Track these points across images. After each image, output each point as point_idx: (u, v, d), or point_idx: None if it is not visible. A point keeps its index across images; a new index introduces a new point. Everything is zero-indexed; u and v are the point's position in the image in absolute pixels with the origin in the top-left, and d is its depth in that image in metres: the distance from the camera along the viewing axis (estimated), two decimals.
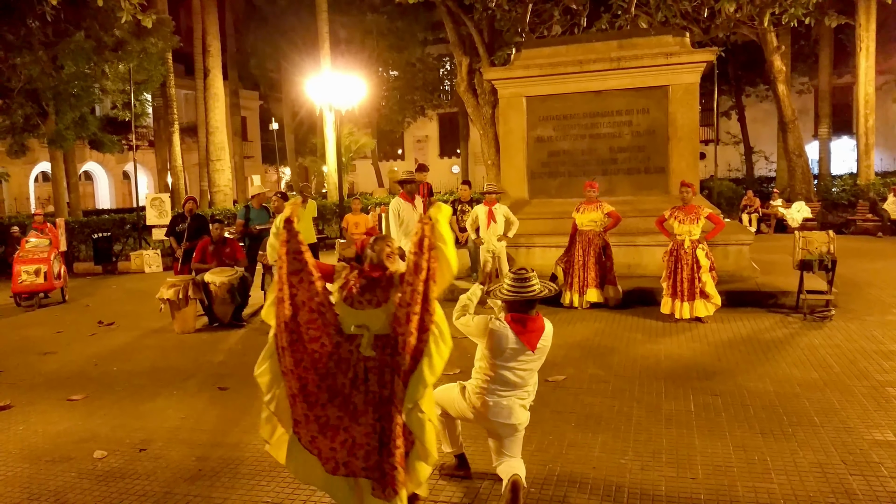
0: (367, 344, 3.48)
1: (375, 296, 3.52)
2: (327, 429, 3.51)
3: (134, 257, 16.48)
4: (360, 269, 3.63)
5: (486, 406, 3.88)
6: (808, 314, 8.28)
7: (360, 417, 3.47)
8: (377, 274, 3.57)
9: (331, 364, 3.51)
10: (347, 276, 3.63)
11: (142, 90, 21.16)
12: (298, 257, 3.58)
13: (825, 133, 25.15)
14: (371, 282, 3.55)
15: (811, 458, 4.34)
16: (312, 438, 3.54)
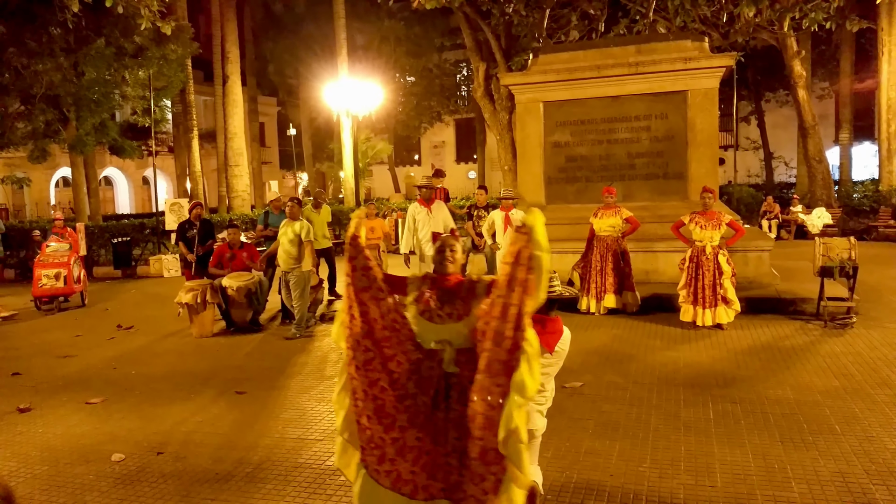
0: (450, 360, 3.24)
1: (455, 308, 3.29)
2: (405, 451, 3.24)
3: (153, 262, 16.60)
4: (434, 279, 3.43)
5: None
6: (829, 321, 8.18)
7: (440, 437, 3.22)
8: (453, 284, 3.37)
9: (409, 383, 3.28)
10: (421, 287, 3.41)
11: (161, 96, 21.34)
12: (367, 273, 3.36)
13: (846, 138, 24.90)
14: (449, 293, 3.34)
15: (832, 467, 4.28)
16: (390, 461, 3.27)
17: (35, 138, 18.78)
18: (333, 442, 4.99)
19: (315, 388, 6.46)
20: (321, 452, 4.87)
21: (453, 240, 3.48)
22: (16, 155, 22.59)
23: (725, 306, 8.08)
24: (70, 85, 17.65)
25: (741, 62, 20.46)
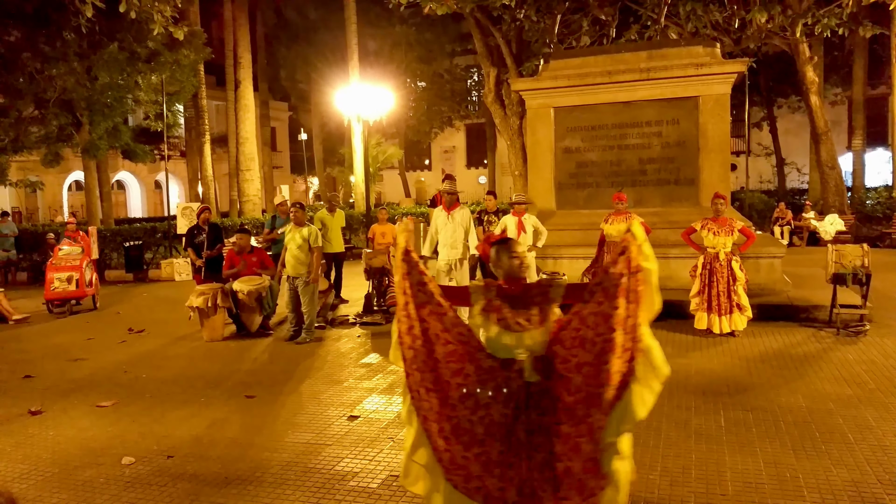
0: (529, 368, 3.11)
1: (532, 314, 3.18)
2: (491, 465, 3.09)
3: (164, 265, 16.68)
4: (500, 287, 3.27)
5: None
6: (842, 329, 8.12)
7: (523, 451, 3.08)
8: (521, 289, 3.24)
9: (483, 395, 3.14)
10: (487, 296, 3.27)
11: (174, 101, 21.47)
12: (423, 289, 3.21)
13: (859, 144, 24.74)
14: (520, 299, 3.22)
15: (845, 477, 4.24)
16: (477, 478, 3.11)
17: (48, 142, 18.93)
18: (343, 447, 5.01)
19: (325, 393, 6.46)
20: (331, 457, 4.87)
21: (515, 244, 3.34)
22: (29, 159, 22.75)
23: (739, 313, 8.03)
24: (83, 89, 17.79)
25: (753, 68, 20.41)
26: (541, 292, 3.21)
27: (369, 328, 9.41)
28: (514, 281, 3.27)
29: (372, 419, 5.66)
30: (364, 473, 4.57)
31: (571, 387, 3.05)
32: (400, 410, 3.29)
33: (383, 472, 4.58)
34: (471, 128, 43.41)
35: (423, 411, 3.19)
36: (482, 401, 3.13)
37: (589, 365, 3.01)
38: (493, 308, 3.22)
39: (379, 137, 32.27)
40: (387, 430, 5.37)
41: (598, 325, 3.01)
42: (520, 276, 3.29)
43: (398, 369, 7.04)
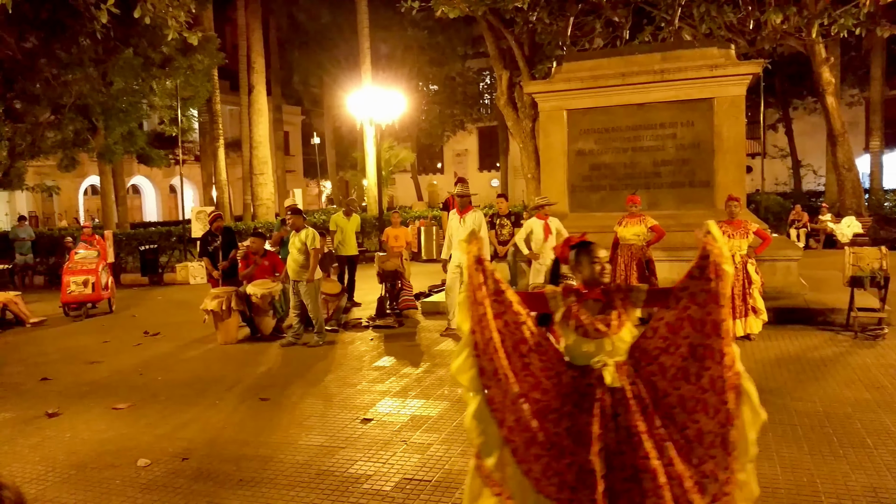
0: (612, 374, 3.02)
1: (611, 319, 3.08)
2: (585, 476, 2.97)
3: (179, 269, 16.77)
4: (579, 292, 3.18)
5: None
6: (860, 332, 8.03)
7: (615, 461, 2.97)
8: (601, 293, 3.16)
9: (565, 406, 3.06)
10: (566, 301, 3.16)
11: (188, 106, 21.63)
12: (500, 298, 3.10)
13: (877, 146, 24.53)
14: (600, 303, 3.15)
15: (864, 482, 4.19)
16: (570, 489, 2.99)
17: (64, 147, 19.10)
18: (357, 450, 5.01)
19: (338, 396, 6.46)
20: (344, 459, 4.86)
21: (598, 248, 3.24)
22: (45, 163, 22.98)
23: (754, 316, 7.96)
24: (99, 95, 17.95)
25: (768, 69, 20.24)
26: (622, 297, 3.14)
27: (382, 331, 9.41)
28: (593, 286, 3.18)
29: (385, 422, 5.65)
30: (377, 476, 4.56)
31: (659, 392, 3.01)
32: (466, 424, 3.12)
33: (396, 474, 4.58)
34: (483, 131, 43.39)
35: (507, 424, 3.06)
36: (566, 412, 3.06)
37: (678, 369, 2.96)
38: (571, 315, 3.12)
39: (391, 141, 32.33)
40: (400, 433, 5.36)
41: (685, 329, 2.96)
42: (600, 282, 3.18)
43: (411, 372, 7.04)
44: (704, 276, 2.95)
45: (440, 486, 4.36)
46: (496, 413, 3.08)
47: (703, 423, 2.92)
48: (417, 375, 7.06)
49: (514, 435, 3.05)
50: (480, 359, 3.07)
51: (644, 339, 3.10)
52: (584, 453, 2.97)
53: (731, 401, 2.88)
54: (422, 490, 4.33)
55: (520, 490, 3.07)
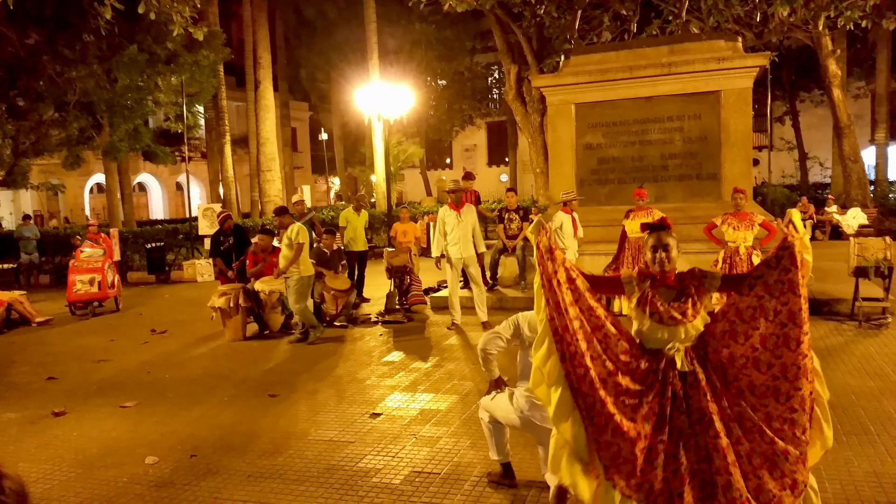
0: (682, 358, 3.05)
1: (686, 306, 3.10)
2: (654, 457, 2.99)
3: (186, 266, 16.79)
4: (654, 277, 3.20)
5: (533, 410, 3.80)
6: (864, 322, 8.04)
7: (688, 443, 2.98)
8: (675, 280, 3.18)
9: (640, 389, 3.07)
10: (641, 286, 3.21)
11: (194, 102, 21.60)
12: (572, 285, 3.15)
13: (882, 138, 24.41)
14: (674, 290, 3.17)
15: (866, 468, 4.21)
16: (641, 472, 2.99)
17: (69, 145, 19.09)
18: (366, 444, 4.99)
19: (347, 391, 6.45)
20: (354, 454, 4.85)
21: (668, 236, 3.23)
22: (50, 162, 23.02)
23: None
24: (103, 91, 17.94)
25: (775, 62, 20.14)
26: (696, 284, 3.14)
27: (391, 326, 9.39)
28: (667, 274, 3.18)
29: (394, 416, 5.64)
30: (387, 470, 4.55)
31: (729, 377, 3.03)
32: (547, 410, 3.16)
33: (406, 468, 4.56)
34: (492, 126, 43.32)
35: (584, 408, 3.08)
36: (641, 396, 3.06)
37: (748, 358, 2.98)
38: (647, 301, 3.15)
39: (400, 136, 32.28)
40: (409, 427, 5.35)
41: (758, 319, 2.98)
42: (670, 267, 3.18)
43: (420, 366, 7.03)
44: (782, 266, 2.96)
45: (449, 479, 4.35)
46: (578, 397, 3.09)
47: (772, 408, 2.95)
48: (426, 370, 7.04)
49: (592, 420, 3.06)
50: (563, 343, 3.10)
51: (713, 325, 3.10)
52: (659, 436, 2.99)
53: (804, 387, 2.91)
54: (431, 482, 4.32)
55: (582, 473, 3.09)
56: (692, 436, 2.99)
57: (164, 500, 4.29)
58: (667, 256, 3.18)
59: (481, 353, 3.93)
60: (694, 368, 3.04)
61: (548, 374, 3.12)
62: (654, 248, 3.20)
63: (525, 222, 10.61)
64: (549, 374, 3.12)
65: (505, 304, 10.08)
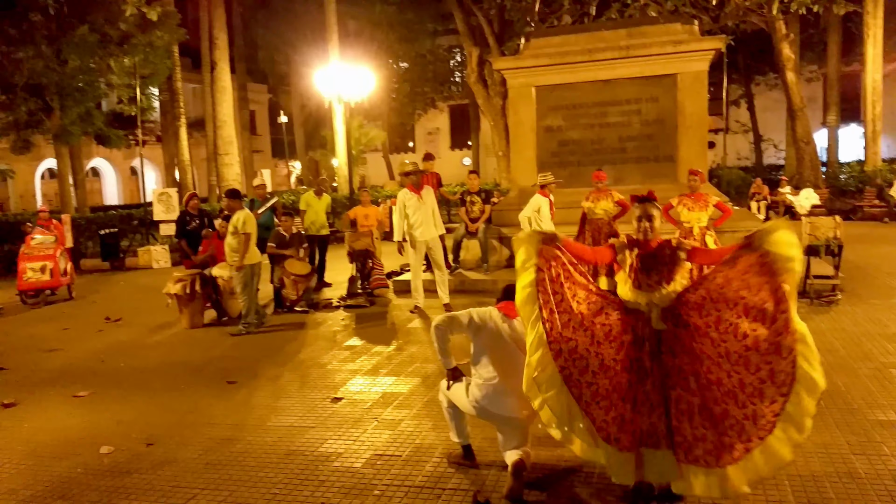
0: (657, 318, 3.42)
1: (661, 275, 3.47)
2: (640, 405, 3.39)
3: (141, 253, 16.46)
4: (638, 243, 3.58)
5: (487, 399, 3.87)
6: (815, 299, 8.25)
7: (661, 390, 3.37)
8: (655, 248, 3.54)
9: (626, 347, 3.43)
10: (631, 256, 3.56)
11: (148, 84, 21.10)
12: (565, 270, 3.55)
13: (834, 120, 25.01)
14: (652, 258, 3.52)
15: (816, 440, 4.30)
16: (630, 421, 3.38)
17: (17, 129, 18.46)
18: (327, 429, 4.97)
19: (308, 376, 6.40)
20: (314, 439, 4.82)
21: (654, 207, 3.60)
22: None
23: None
24: (53, 73, 17.36)
25: (731, 46, 20.44)
26: (671, 254, 3.50)
27: (353, 311, 9.34)
28: (648, 239, 3.57)
29: (356, 400, 5.62)
30: (348, 454, 4.53)
31: (697, 336, 3.32)
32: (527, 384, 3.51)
33: (367, 451, 4.55)
34: (454, 109, 43.16)
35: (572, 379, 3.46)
36: (627, 353, 3.43)
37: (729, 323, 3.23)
38: (631, 268, 3.54)
39: (361, 119, 31.97)
40: (371, 411, 5.33)
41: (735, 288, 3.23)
42: (653, 235, 3.56)
43: (382, 350, 7.00)
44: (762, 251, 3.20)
45: (411, 461, 4.36)
46: (565, 370, 3.47)
47: (743, 376, 3.21)
48: (388, 353, 7.02)
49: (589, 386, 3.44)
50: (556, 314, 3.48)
51: (686, 293, 3.41)
52: (642, 387, 3.38)
53: (777, 362, 3.15)
54: (392, 465, 4.32)
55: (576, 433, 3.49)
56: (664, 386, 3.36)
57: (120, 491, 4.21)
58: (650, 226, 3.55)
59: (435, 332, 3.95)
60: (668, 328, 3.39)
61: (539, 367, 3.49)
62: (640, 217, 3.58)
63: (487, 205, 10.62)
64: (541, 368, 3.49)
65: (467, 286, 10.09)
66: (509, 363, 3.82)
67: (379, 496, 3.93)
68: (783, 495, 3.68)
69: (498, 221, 10.97)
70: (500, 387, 3.82)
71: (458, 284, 10.07)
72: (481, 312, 3.92)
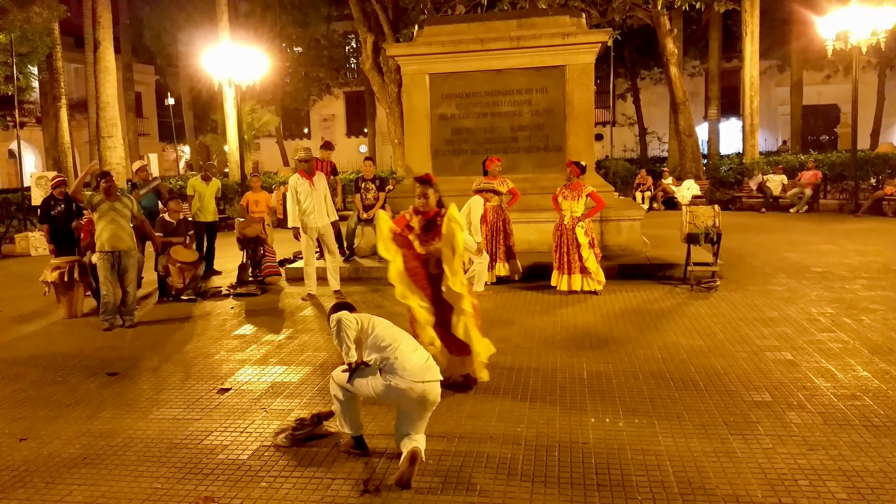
0: (433, 264, 5.25)
1: (435, 234, 5.22)
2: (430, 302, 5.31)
3: (19, 239, 15.56)
4: (419, 212, 5.33)
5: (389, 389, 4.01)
6: (695, 285, 8.69)
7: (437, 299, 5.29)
8: (431, 216, 5.30)
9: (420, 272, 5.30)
10: (416, 221, 5.33)
11: (26, 63, 19.81)
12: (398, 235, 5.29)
13: (714, 114, 26.37)
14: (430, 223, 5.29)
15: (696, 421, 4.57)
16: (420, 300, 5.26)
17: None
18: (213, 420, 4.90)
19: (194, 367, 6.26)
20: (199, 431, 4.74)
21: (429, 187, 5.34)
22: None
23: (585, 275, 8.46)
24: None
25: (618, 41, 21.18)
26: (438, 222, 5.23)
27: (243, 299, 9.17)
28: (425, 210, 5.32)
29: (244, 391, 5.56)
30: (234, 446, 4.49)
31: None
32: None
33: (255, 443, 4.52)
34: (350, 96, 42.70)
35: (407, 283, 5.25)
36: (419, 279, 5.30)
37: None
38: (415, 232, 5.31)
39: (253, 104, 31.10)
40: (259, 401, 5.29)
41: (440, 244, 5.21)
42: (428, 207, 5.32)
43: (273, 339, 6.94)
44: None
45: (300, 451, 4.35)
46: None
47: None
48: (279, 342, 6.97)
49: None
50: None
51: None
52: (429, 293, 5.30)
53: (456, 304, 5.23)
54: (280, 455, 4.31)
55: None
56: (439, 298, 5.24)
57: None
58: (426, 201, 5.30)
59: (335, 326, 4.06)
60: (437, 272, 5.21)
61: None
62: (419, 195, 5.33)
63: (381, 192, 10.64)
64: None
65: (361, 273, 10.10)
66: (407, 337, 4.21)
67: (266, 488, 3.91)
68: (664, 475, 3.85)
69: (393, 209, 11.00)
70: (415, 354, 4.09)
71: (353, 272, 10.07)
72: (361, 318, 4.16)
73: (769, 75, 32.93)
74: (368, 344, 4.10)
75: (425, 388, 3.95)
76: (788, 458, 4.01)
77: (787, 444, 4.19)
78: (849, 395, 4.93)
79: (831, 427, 4.41)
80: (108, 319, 7.83)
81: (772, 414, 4.65)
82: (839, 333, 6.52)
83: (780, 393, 5.03)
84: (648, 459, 4.04)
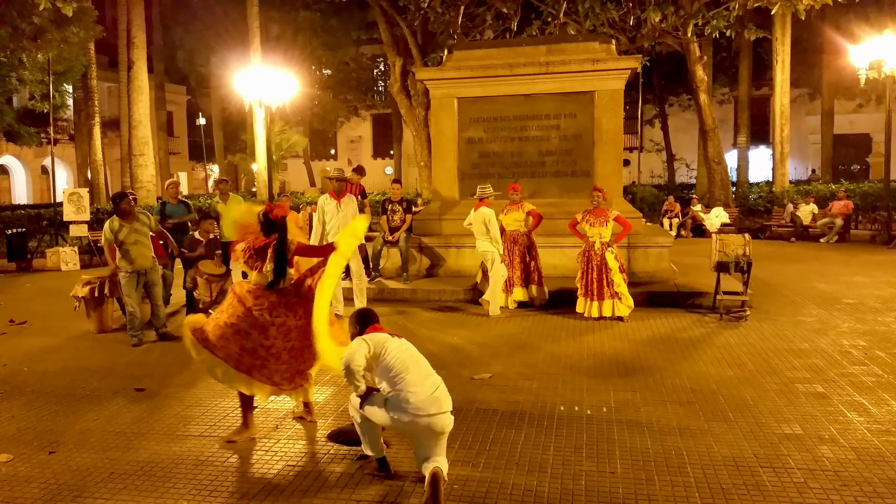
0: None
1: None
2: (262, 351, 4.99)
3: (50, 254, 15.81)
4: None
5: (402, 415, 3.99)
6: (725, 314, 8.58)
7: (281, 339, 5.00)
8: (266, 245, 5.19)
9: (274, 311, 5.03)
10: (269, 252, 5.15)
11: (62, 81, 20.30)
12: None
13: (743, 142, 26.18)
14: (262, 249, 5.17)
15: (725, 453, 4.49)
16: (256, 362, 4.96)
17: None
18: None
19: (219, 385, 6.27)
20: (224, 449, 4.76)
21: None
22: None
23: (615, 300, 8.40)
24: None
25: (647, 67, 21.20)
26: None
27: None
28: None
29: (269, 409, 5.57)
30: (260, 464, 4.50)
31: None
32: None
33: (280, 462, 4.53)
34: (377, 118, 43.14)
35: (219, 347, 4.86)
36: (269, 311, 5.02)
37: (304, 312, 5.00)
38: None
39: (282, 124, 31.56)
40: (284, 420, 5.30)
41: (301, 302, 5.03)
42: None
43: None
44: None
45: (325, 472, 4.33)
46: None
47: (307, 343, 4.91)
48: None
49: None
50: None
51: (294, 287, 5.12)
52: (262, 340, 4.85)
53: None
54: (305, 476, 4.30)
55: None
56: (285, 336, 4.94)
57: (18, 500, 4.05)
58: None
59: (345, 368, 4.09)
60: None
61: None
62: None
63: (408, 214, 10.70)
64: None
65: (386, 295, 10.13)
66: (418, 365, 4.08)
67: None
68: None
69: (418, 231, 11.06)
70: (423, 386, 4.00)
71: (378, 293, 10.10)
72: (374, 342, 4.09)
73: (799, 103, 32.72)
74: (378, 371, 4.10)
75: (430, 421, 3.93)
76: (821, 492, 3.92)
77: (819, 478, 4.10)
78: (883, 431, 4.82)
79: (865, 462, 4.31)
80: (136, 335, 7.92)
81: (803, 447, 4.56)
82: (872, 367, 6.39)
83: (812, 426, 4.93)
84: (677, 491, 3.97)
